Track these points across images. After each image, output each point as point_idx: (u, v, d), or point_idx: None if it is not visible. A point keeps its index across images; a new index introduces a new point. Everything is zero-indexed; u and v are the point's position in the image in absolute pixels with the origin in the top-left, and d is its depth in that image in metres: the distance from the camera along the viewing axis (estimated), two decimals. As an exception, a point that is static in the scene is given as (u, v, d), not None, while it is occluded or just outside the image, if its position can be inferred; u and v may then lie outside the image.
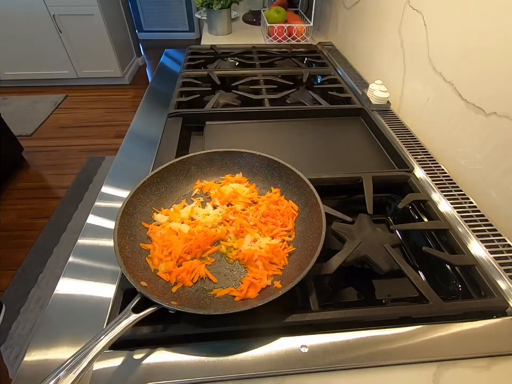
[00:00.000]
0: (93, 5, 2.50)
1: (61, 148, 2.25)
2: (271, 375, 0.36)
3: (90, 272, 0.45)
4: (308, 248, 0.45)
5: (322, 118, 0.82)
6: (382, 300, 0.48)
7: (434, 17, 0.67)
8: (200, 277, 0.44)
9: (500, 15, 0.50)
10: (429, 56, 0.69)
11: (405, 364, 0.37)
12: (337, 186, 0.60)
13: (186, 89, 0.90)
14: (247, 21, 1.62)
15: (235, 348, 0.37)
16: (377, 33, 0.92)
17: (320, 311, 0.40)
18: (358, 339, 0.39)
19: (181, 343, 0.38)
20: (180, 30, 3.99)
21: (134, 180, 0.49)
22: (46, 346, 0.37)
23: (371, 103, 0.84)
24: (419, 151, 0.68)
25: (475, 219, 0.53)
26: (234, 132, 0.77)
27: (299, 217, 0.51)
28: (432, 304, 0.40)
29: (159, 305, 0.35)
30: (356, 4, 1.06)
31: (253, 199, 0.53)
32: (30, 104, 2.68)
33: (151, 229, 0.48)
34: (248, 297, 0.40)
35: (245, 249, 0.46)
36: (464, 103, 0.59)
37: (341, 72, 1.04)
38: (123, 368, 0.35)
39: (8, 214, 1.76)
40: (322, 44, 1.27)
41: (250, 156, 0.56)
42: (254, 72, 0.98)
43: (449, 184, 0.60)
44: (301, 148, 0.72)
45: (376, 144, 0.73)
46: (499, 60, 0.51)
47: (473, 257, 0.46)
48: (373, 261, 0.44)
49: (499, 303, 0.41)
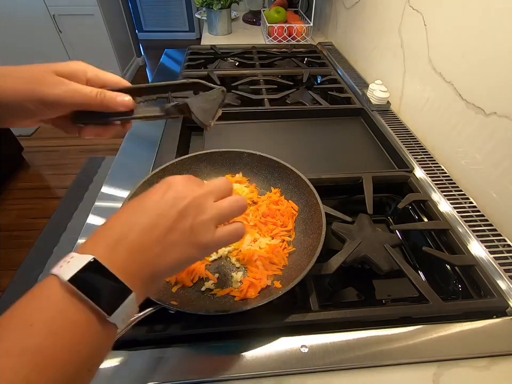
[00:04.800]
0: (93, 5, 2.49)
1: (60, 148, 2.25)
2: (271, 375, 0.36)
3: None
4: (307, 248, 0.45)
5: (322, 118, 0.82)
6: (382, 299, 0.48)
7: (434, 17, 0.67)
8: (200, 277, 0.44)
9: (500, 15, 0.50)
10: (429, 56, 0.69)
11: (405, 364, 0.37)
12: (337, 186, 0.60)
13: (186, 89, 0.90)
14: (247, 21, 1.62)
15: (235, 348, 0.37)
16: (377, 33, 0.92)
17: (320, 311, 0.40)
18: (358, 339, 0.39)
19: (181, 343, 0.38)
20: (179, 30, 3.99)
21: (134, 180, 0.49)
22: (46, 346, 0.37)
23: (371, 103, 0.84)
24: (419, 151, 0.68)
25: (475, 219, 0.53)
26: (234, 132, 0.77)
27: (299, 217, 0.51)
28: (432, 304, 0.40)
29: (159, 305, 0.35)
30: (355, 4, 1.06)
31: (253, 199, 0.53)
32: (30, 104, 2.68)
33: (151, 229, 0.48)
34: (248, 297, 0.40)
35: (245, 249, 0.46)
36: (464, 103, 0.59)
37: (341, 72, 1.04)
38: (123, 368, 0.35)
39: (8, 214, 1.76)
40: (322, 44, 1.27)
41: (250, 156, 0.56)
42: (254, 72, 0.98)
43: (449, 184, 0.60)
44: (301, 148, 0.72)
45: (376, 144, 0.73)
46: (499, 60, 0.51)
47: (473, 257, 0.46)
48: (373, 261, 0.45)
49: (499, 303, 0.41)
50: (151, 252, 0.24)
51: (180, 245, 0.25)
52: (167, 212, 0.25)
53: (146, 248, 0.24)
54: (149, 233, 0.24)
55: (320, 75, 1.03)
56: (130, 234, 0.24)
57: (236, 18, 1.67)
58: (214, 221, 0.27)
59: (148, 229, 0.24)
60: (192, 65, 1.06)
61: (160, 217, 0.25)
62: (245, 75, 0.97)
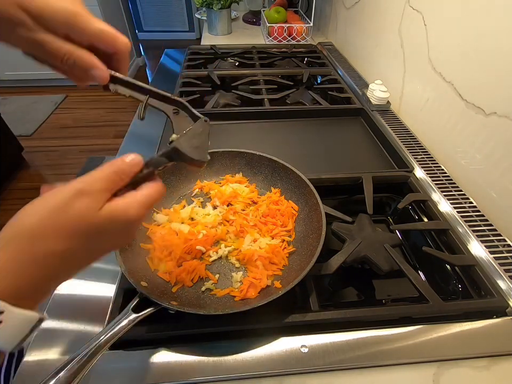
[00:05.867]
0: (93, 5, 2.49)
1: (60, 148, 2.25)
2: (271, 375, 0.36)
3: (90, 272, 0.45)
4: (307, 248, 0.45)
5: (322, 118, 0.82)
6: (382, 299, 0.48)
7: (434, 17, 0.67)
8: (200, 277, 0.44)
9: (500, 15, 0.50)
10: (429, 56, 0.69)
11: (405, 364, 0.37)
12: (337, 186, 0.60)
13: (187, 89, 0.90)
14: (247, 21, 1.62)
15: (235, 348, 0.37)
16: (377, 33, 0.92)
17: (320, 311, 0.40)
18: (358, 339, 0.39)
19: (181, 343, 0.38)
20: (179, 30, 3.99)
21: (134, 180, 0.49)
22: (46, 346, 0.37)
23: (371, 103, 0.84)
24: (419, 151, 0.68)
25: (475, 219, 0.53)
26: (234, 132, 0.77)
27: (299, 217, 0.51)
28: (432, 304, 0.40)
29: (159, 305, 0.35)
30: (355, 3, 1.06)
31: (253, 199, 0.53)
32: (30, 104, 2.67)
33: (151, 229, 0.48)
34: (248, 297, 0.40)
35: (245, 249, 0.46)
36: (464, 103, 0.59)
37: (341, 72, 1.04)
38: (123, 368, 0.35)
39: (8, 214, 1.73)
40: (322, 44, 1.27)
41: (250, 156, 0.56)
42: (254, 72, 0.98)
43: (449, 184, 0.60)
44: (301, 147, 0.72)
45: (376, 144, 0.73)
46: (499, 60, 0.51)
47: (473, 257, 0.46)
48: (373, 261, 0.44)
49: (499, 303, 0.41)
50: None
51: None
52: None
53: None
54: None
55: (320, 75, 1.03)
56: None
57: (236, 18, 1.66)
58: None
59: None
60: (192, 65, 1.06)
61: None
62: (245, 75, 0.97)
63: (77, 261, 0.25)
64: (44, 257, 0.22)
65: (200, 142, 0.31)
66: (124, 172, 0.26)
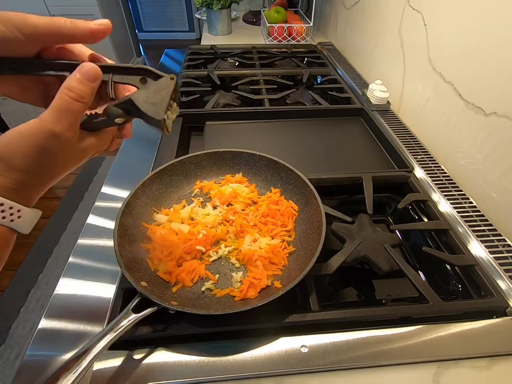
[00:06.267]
0: (93, 5, 2.50)
1: (61, 148, 2.25)
2: (271, 375, 0.36)
3: (90, 272, 0.45)
4: (307, 248, 0.45)
5: (322, 118, 0.82)
6: (382, 300, 0.48)
7: (434, 17, 0.67)
8: (200, 277, 0.44)
9: (500, 15, 0.50)
10: (428, 56, 0.69)
11: (405, 364, 0.37)
12: (337, 186, 0.60)
13: (186, 89, 0.90)
14: (247, 21, 1.62)
15: (235, 347, 0.37)
16: (377, 33, 0.92)
17: (320, 311, 0.40)
18: (358, 339, 0.39)
19: (181, 343, 0.38)
20: (179, 30, 3.99)
21: (134, 180, 0.49)
22: (46, 346, 0.37)
23: (371, 103, 0.84)
24: (419, 151, 0.68)
25: (475, 219, 0.53)
26: (234, 132, 0.77)
27: (299, 217, 0.51)
28: (432, 304, 0.40)
29: (159, 305, 0.35)
30: (355, 4, 1.06)
31: (253, 199, 0.53)
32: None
33: (151, 229, 0.48)
34: (248, 297, 0.40)
35: (245, 249, 0.46)
36: (464, 103, 0.59)
37: (341, 72, 1.04)
38: (123, 368, 0.35)
39: (8, 214, 1.75)
40: (322, 44, 1.27)
41: (250, 156, 0.56)
42: (254, 72, 0.98)
43: (449, 184, 0.60)
44: (301, 148, 0.72)
45: (376, 144, 0.73)
46: (499, 60, 0.51)
47: (473, 257, 0.46)
48: (373, 261, 0.45)
49: (499, 303, 0.41)
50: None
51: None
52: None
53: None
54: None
55: (320, 75, 1.03)
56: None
57: (236, 18, 1.67)
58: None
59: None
60: (192, 65, 1.06)
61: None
62: (245, 75, 0.97)
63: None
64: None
65: (160, 98, 0.29)
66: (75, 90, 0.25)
